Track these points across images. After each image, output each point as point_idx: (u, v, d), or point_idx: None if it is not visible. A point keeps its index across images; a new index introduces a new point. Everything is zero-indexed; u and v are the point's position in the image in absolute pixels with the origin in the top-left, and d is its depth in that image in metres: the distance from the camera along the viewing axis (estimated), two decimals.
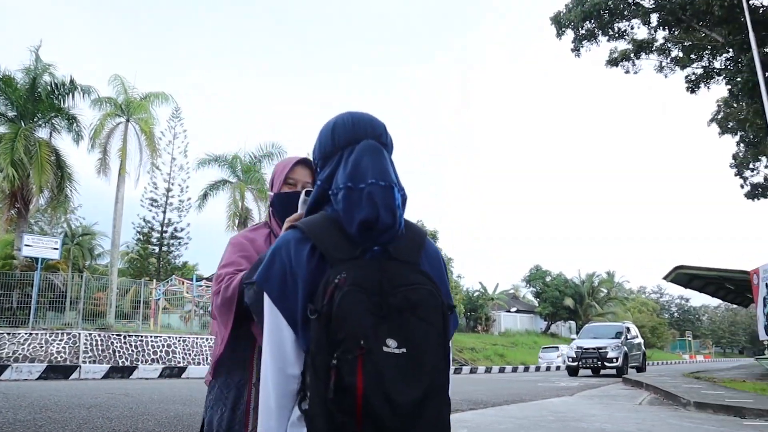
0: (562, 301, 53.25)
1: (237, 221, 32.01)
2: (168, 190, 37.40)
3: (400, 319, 1.14)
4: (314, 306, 1.15)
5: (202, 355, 20.96)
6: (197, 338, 21.28)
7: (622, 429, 7.53)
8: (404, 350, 1.12)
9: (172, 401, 9.30)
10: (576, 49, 24.72)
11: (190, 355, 20.61)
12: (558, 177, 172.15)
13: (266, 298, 1.26)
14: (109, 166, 25.43)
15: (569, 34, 24.36)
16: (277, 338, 1.23)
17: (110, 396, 10.06)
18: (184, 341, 20.78)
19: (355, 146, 1.35)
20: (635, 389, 15.41)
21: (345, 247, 1.23)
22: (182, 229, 38.02)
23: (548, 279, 55.47)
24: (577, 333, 43.31)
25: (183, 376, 18.20)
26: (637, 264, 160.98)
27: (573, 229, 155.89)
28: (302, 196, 1.75)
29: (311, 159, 2.10)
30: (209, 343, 21.25)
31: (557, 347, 38.38)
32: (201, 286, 27.72)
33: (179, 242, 38.63)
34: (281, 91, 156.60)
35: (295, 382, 1.21)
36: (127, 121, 26.12)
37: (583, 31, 24.19)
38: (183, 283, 27.64)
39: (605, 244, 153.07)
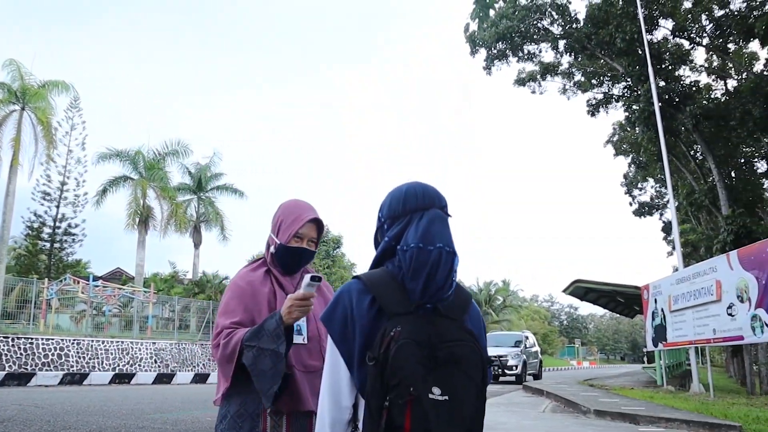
0: None
1: (138, 220, 30.81)
2: (63, 183, 35.34)
3: (445, 370, 1.29)
4: (372, 354, 1.32)
5: (98, 358, 19.97)
6: (92, 341, 20.24)
7: None
8: (447, 398, 1.27)
9: (90, 413, 8.87)
10: (488, 68, 25.78)
11: (84, 358, 19.57)
12: (462, 186, 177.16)
13: (329, 338, 1.45)
14: (0, 156, 23.83)
15: (482, 52, 25.35)
16: (335, 374, 1.42)
17: (20, 408, 9.44)
18: (78, 344, 19.71)
19: (424, 212, 1.53)
20: (536, 396, 16.17)
21: (401, 302, 1.40)
22: (77, 226, 36.01)
23: None
24: None
25: (85, 383, 17.31)
26: (531, 273, 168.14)
27: (472, 238, 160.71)
28: (307, 279, 1.91)
29: (320, 218, 2.25)
30: (105, 346, 20.30)
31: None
32: (98, 286, 26.45)
33: (73, 239, 36.56)
34: (189, 88, 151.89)
35: (348, 412, 1.40)
36: (23, 109, 24.54)
37: (495, 51, 25.26)
38: (78, 282, 26.20)
39: (502, 253, 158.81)
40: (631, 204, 34.61)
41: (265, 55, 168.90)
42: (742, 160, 24.43)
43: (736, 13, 20.04)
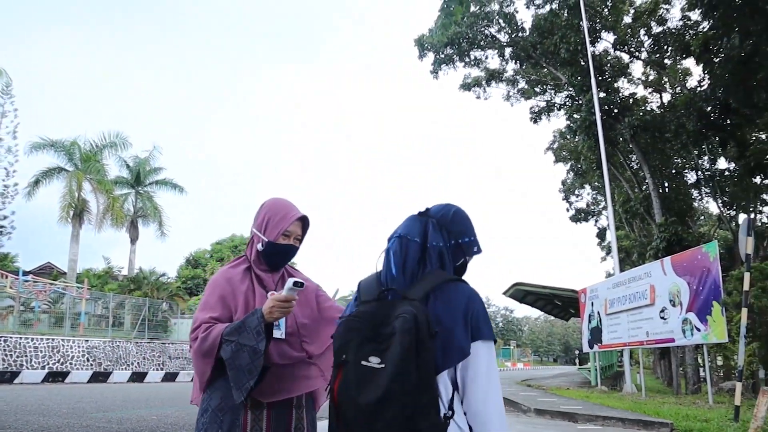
0: None
1: (72, 213, 29.73)
2: None
3: (386, 343, 1.45)
4: None
5: (26, 356, 19.14)
6: (20, 338, 19.40)
7: None
8: (384, 365, 1.42)
9: (29, 412, 8.49)
10: (435, 71, 26.09)
11: (12, 356, 18.71)
12: (395, 185, 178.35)
13: None
14: None
15: (430, 56, 25.63)
16: None
17: None
18: (5, 341, 18.85)
19: None
20: None
21: (371, 292, 1.64)
22: (5, 218, 34.28)
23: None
24: None
25: (16, 381, 16.56)
26: (468, 275, 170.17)
27: None
28: (290, 283, 1.96)
29: (307, 216, 2.27)
30: (34, 343, 19.49)
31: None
32: (28, 281, 25.32)
33: (1, 231, 34.83)
34: (129, 78, 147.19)
35: None
36: None
37: (443, 56, 25.58)
38: (6, 276, 25.03)
39: None
40: (568, 210, 35.60)
41: (211, 50, 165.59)
42: (675, 171, 25.50)
43: (673, 30, 20.96)
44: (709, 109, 17.87)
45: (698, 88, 19.24)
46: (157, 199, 35.84)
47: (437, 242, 1.70)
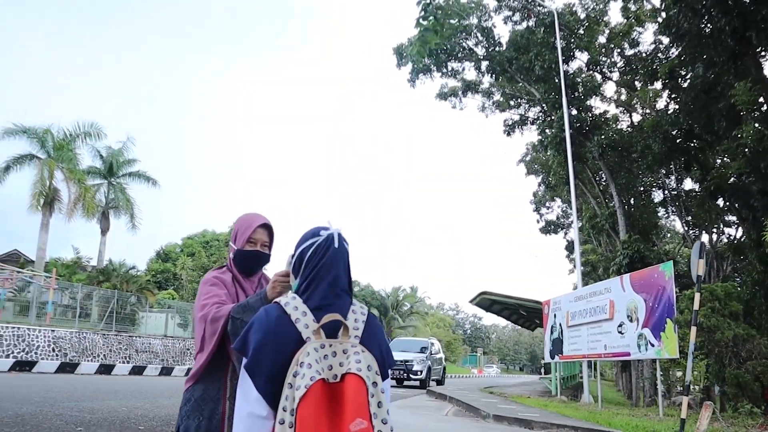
0: None
1: (42, 201, 29.45)
2: None
3: None
4: None
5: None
6: None
7: None
8: None
9: (1, 399, 8.61)
10: (412, 80, 26.56)
11: None
12: (375, 191, 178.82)
13: None
14: None
15: (409, 66, 26.04)
16: None
17: None
18: None
19: None
20: (440, 401, 16.86)
21: None
22: None
23: (357, 289, 57.32)
24: None
25: None
26: (439, 282, 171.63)
27: (384, 243, 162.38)
28: (288, 258, 2.08)
29: (269, 223, 2.56)
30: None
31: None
32: None
33: None
34: (105, 68, 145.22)
35: None
36: None
37: (421, 66, 26.01)
38: None
39: (411, 260, 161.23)
40: (538, 221, 36.29)
41: (188, 43, 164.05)
42: (642, 189, 26.22)
43: (644, 53, 21.68)
44: (674, 132, 18.56)
45: (666, 111, 19.92)
46: (130, 191, 35.62)
47: None
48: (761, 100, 14.06)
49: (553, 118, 22.68)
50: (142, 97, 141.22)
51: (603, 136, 21.66)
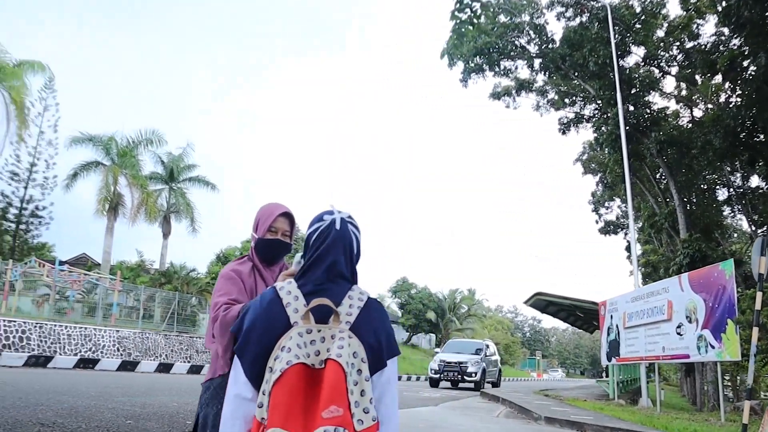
0: (425, 314, 54.96)
1: (107, 206, 30.64)
2: (32, 164, 34.69)
3: None
4: None
5: (60, 343, 19.90)
6: (55, 325, 20.16)
7: None
8: None
9: (60, 393, 9.03)
10: (464, 80, 26.32)
11: (46, 342, 19.47)
12: (432, 194, 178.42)
13: None
14: None
15: (460, 65, 25.88)
16: None
17: None
18: (40, 327, 19.60)
19: None
20: (492, 403, 16.68)
21: None
22: (44, 208, 35.46)
23: (413, 291, 57.16)
24: (437, 346, 45.29)
25: (49, 365, 17.27)
26: (497, 284, 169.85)
27: (441, 246, 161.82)
28: (297, 257, 2.11)
29: (290, 212, 2.59)
30: (68, 331, 20.25)
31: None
32: (63, 270, 26.21)
33: (40, 221, 35.97)
34: (169, 79, 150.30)
35: None
36: None
37: (473, 65, 25.80)
38: (43, 265, 25.98)
39: (470, 263, 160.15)
40: (597, 222, 35.46)
41: (245, 49, 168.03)
42: (704, 186, 25.28)
43: (702, 46, 20.89)
44: (736, 126, 17.80)
45: (727, 105, 19.15)
46: (190, 195, 36.70)
47: None
48: None
49: (608, 115, 22.13)
50: (199, 102, 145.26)
51: (661, 133, 20.95)
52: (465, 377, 24.04)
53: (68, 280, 26.13)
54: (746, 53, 16.02)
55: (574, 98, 27.56)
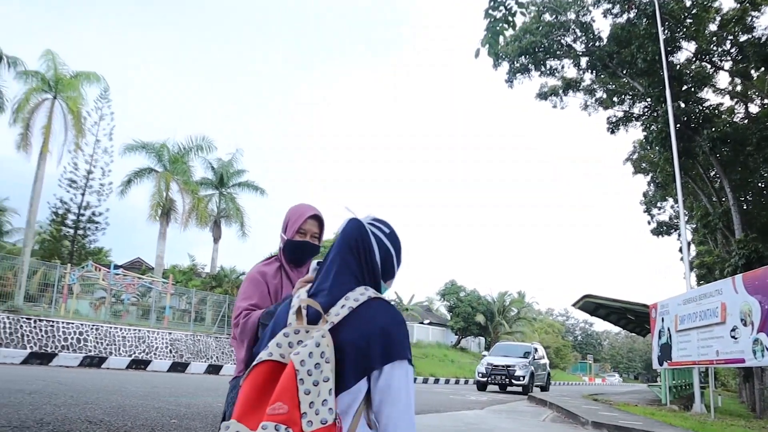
0: (474, 317, 54.60)
1: (160, 212, 31.49)
2: (89, 172, 35.92)
3: None
4: None
5: (115, 345, 20.59)
6: (110, 327, 20.88)
7: None
8: None
9: (110, 392, 9.39)
10: (510, 81, 26.08)
11: (102, 344, 20.18)
12: (480, 197, 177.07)
13: None
14: (30, 142, 24.51)
15: (505, 66, 25.67)
16: None
17: (45, 383, 10.02)
18: (96, 329, 20.32)
19: None
20: (539, 407, 16.46)
21: None
22: (100, 214, 36.69)
23: (462, 294, 56.69)
24: (486, 349, 44.86)
25: (103, 366, 17.90)
26: (547, 287, 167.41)
27: (490, 249, 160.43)
28: (314, 264, 2.05)
29: (320, 214, 2.64)
30: (123, 333, 20.96)
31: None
32: (118, 274, 27.08)
33: (96, 227, 37.23)
34: (218, 85, 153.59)
35: None
36: (54, 98, 25.30)
37: (518, 65, 25.55)
38: (99, 269, 26.89)
39: (519, 266, 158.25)
40: (649, 223, 34.57)
41: (295, 56, 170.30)
42: (762, 185, 24.38)
43: (758, 39, 20.13)
44: None
45: None
46: (240, 200, 37.43)
47: None
48: None
49: (658, 112, 21.57)
50: (248, 109, 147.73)
51: (714, 129, 20.29)
52: (513, 381, 23.79)
53: (123, 284, 26.95)
54: None
55: (623, 96, 26.94)
